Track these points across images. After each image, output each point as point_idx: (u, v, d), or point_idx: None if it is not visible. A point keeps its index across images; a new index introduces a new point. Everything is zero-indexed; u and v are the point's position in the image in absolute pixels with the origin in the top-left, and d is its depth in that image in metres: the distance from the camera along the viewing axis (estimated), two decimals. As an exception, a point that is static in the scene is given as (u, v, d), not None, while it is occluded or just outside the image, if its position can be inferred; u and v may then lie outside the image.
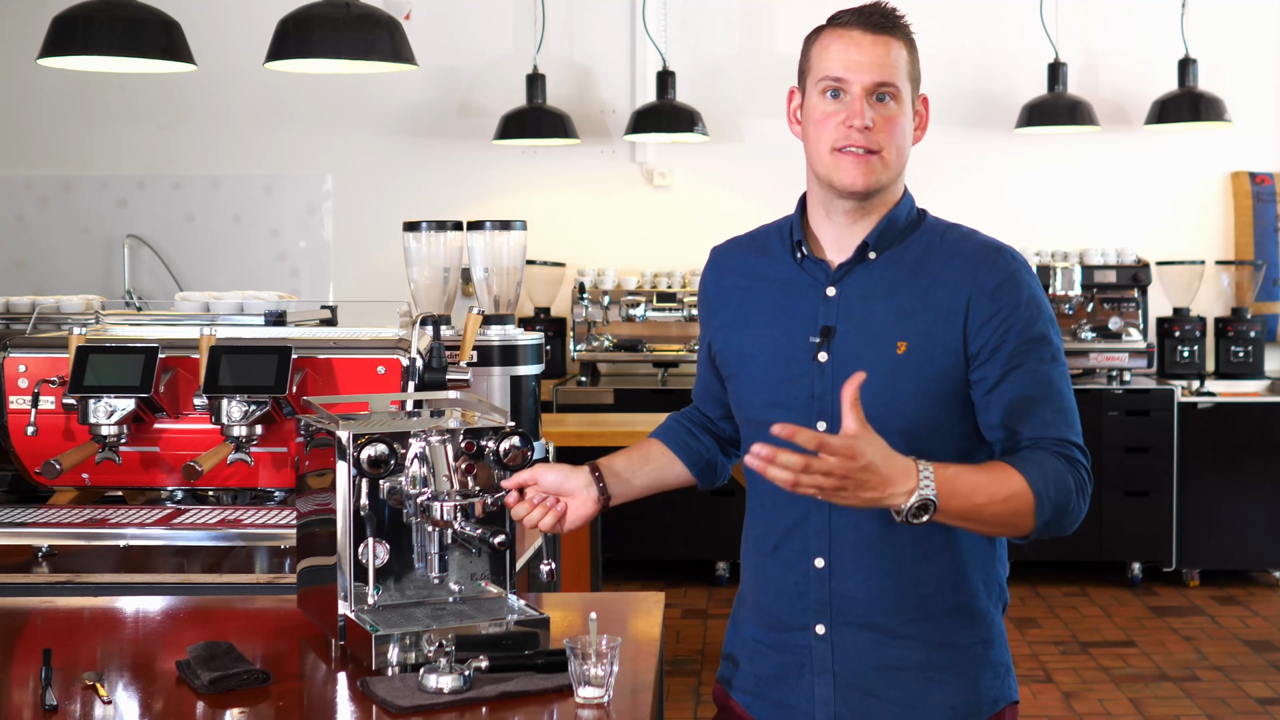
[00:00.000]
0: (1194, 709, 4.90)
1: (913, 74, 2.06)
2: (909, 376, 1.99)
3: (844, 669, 2.05)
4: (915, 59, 2.07)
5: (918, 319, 2.00)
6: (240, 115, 7.21)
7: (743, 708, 2.16)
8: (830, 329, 2.03)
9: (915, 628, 2.03)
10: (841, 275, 2.05)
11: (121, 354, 2.92)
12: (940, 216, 2.12)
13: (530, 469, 2.17)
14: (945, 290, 2.00)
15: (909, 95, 2.05)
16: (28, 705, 1.98)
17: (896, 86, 2.02)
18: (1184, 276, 6.85)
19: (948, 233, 2.08)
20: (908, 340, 1.99)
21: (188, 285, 7.02)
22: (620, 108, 7.16)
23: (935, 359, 1.99)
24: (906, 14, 2.08)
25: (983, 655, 2.06)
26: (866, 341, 2.01)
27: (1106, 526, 6.52)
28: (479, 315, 3.16)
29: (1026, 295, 2.01)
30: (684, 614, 6.12)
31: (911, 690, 2.04)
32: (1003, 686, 2.09)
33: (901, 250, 2.05)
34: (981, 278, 2.00)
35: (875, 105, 2.01)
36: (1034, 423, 1.98)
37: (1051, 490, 1.94)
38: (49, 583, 2.66)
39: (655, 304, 6.81)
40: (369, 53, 4.01)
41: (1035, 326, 2.00)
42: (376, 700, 1.96)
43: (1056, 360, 2.02)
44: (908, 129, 2.05)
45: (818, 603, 2.05)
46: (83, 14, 3.92)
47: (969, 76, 7.07)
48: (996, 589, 2.10)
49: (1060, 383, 2.01)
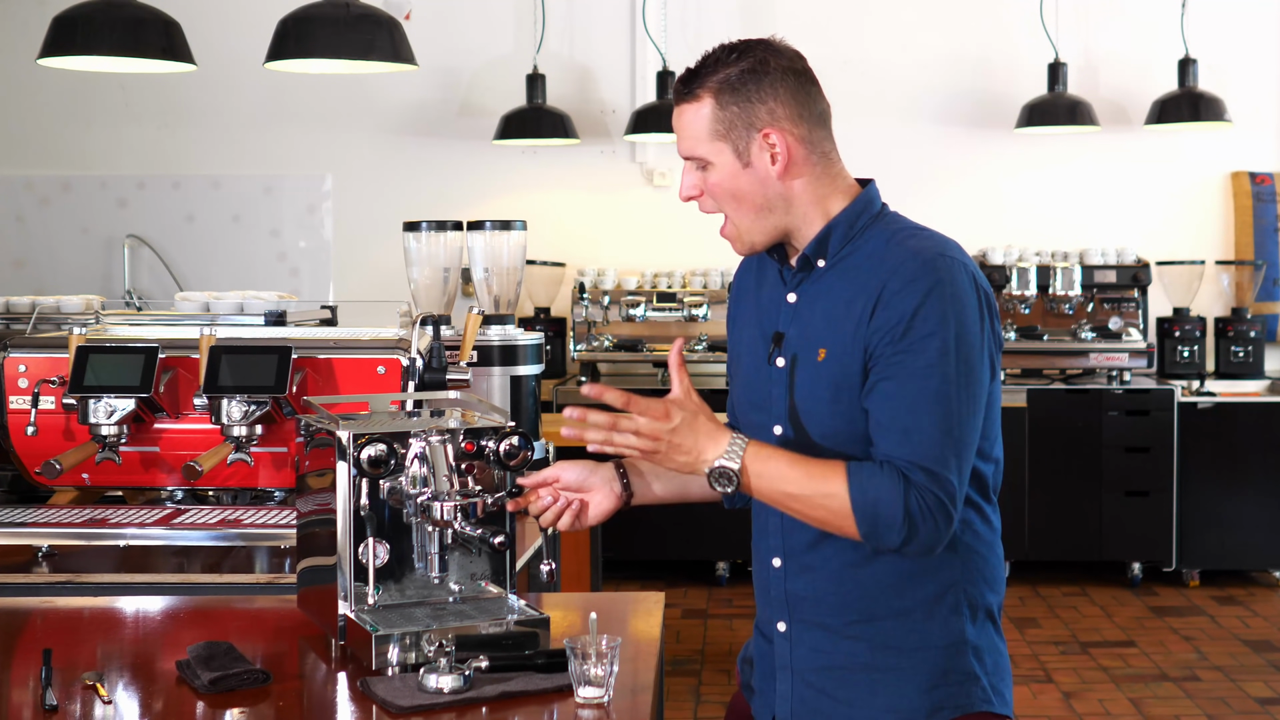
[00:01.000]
0: (1194, 709, 4.90)
1: (723, 128, 1.99)
2: (825, 383, 2.00)
3: (800, 666, 2.09)
4: (729, 105, 1.99)
5: (838, 326, 2.00)
6: (240, 115, 7.21)
7: (744, 698, 2.23)
8: (780, 334, 2.06)
9: (858, 629, 2.04)
10: (798, 283, 2.08)
11: (121, 354, 2.92)
12: (901, 216, 2.07)
13: (552, 466, 2.17)
14: (863, 297, 1.98)
15: (725, 151, 2.00)
16: (28, 705, 1.98)
17: (698, 156, 2.02)
18: (1184, 276, 6.85)
19: (894, 235, 2.02)
20: (827, 347, 2.00)
21: (188, 285, 7.02)
22: (620, 108, 7.16)
23: (847, 366, 1.98)
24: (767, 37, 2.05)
25: (933, 662, 2.02)
26: (803, 347, 2.04)
27: (1106, 526, 6.52)
28: (479, 315, 3.16)
29: (921, 303, 1.92)
30: (684, 614, 6.12)
31: (858, 690, 2.04)
32: (959, 694, 2.03)
33: (851, 255, 2.03)
34: (889, 284, 1.95)
35: (698, 174, 2.04)
36: (889, 438, 1.93)
37: (870, 506, 1.91)
38: (49, 583, 2.66)
39: (655, 304, 6.81)
40: (369, 53, 4.01)
41: (919, 335, 1.92)
42: (376, 700, 1.96)
43: (932, 376, 1.91)
44: (740, 185, 2.01)
45: (778, 600, 2.10)
46: (83, 14, 3.92)
47: (969, 76, 7.07)
48: (957, 597, 2.03)
49: (931, 400, 1.91)
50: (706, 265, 6.93)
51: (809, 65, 2.06)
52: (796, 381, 2.03)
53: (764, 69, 2.00)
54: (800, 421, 2.03)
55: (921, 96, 7.10)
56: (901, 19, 7.11)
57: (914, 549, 1.93)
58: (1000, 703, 2.06)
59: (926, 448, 1.92)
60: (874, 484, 1.92)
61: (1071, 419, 6.54)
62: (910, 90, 7.09)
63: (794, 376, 2.04)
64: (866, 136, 6.30)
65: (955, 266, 1.96)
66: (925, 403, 1.92)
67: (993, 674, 2.06)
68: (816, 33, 6.78)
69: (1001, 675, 2.08)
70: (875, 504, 1.91)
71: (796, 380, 2.03)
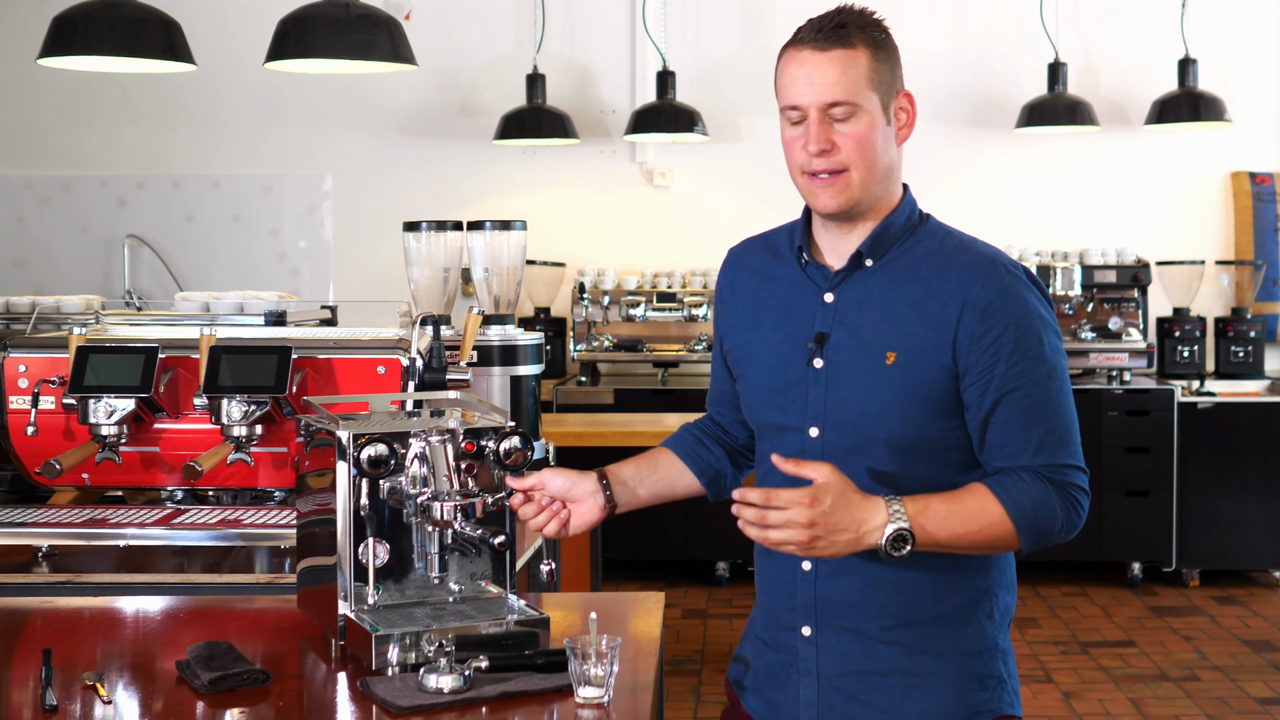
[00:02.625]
0: (1194, 709, 4.90)
1: (880, 79, 2.00)
2: (896, 388, 1.98)
3: (828, 671, 2.06)
4: (883, 60, 2.00)
5: (909, 330, 1.98)
6: (240, 115, 7.21)
7: (743, 704, 2.17)
8: (823, 335, 2.03)
9: (896, 634, 2.03)
10: (839, 281, 2.05)
11: (121, 354, 2.92)
12: (942, 221, 2.09)
13: (538, 473, 2.16)
14: (938, 302, 1.98)
15: (875, 104, 2.00)
16: (28, 705, 1.98)
17: (853, 103, 1.97)
18: (1184, 276, 6.85)
19: (946, 239, 2.04)
20: (897, 351, 1.98)
21: (188, 285, 7.02)
22: (620, 108, 7.16)
23: (924, 372, 1.97)
24: (877, 10, 2.04)
25: (967, 666, 2.04)
26: (858, 349, 2.01)
27: (1106, 526, 6.52)
28: (479, 315, 3.16)
29: (1019, 312, 1.97)
30: (684, 614, 6.12)
31: (892, 696, 2.03)
32: (991, 699, 2.05)
33: (900, 256, 2.03)
34: (975, 292, 1.96)
35: (835, 124, 1.98)
36: (1026, 448, 1.97)
37: (1030, 514, 1.95)
38: (49, 583, 2.66)
39: (655, 304, 6.81)
40: (369, 53, 4.01)
41: (1028, 344, 1.96)
42: (376, 700, 1.96)
43: (1053, 377, 1.98)
44: (877, 140, 2.00)
45: (804, 605, 2.06)
46: (83, 14, 3.92)
47: (969, 76, 7.07)
48: (990, 603, 2.06)
49: (1056, 401, 1.98)
50: (706, 265, 6.93)
51: None
52: (847, 384, 2.00)
53: (891, 36, 2.04)
54: (851, 425, 2.00)
55: (921, 96, 6.99)
56: (902, 19, 7.08)
57: (1066, 537, 2.00)
58: (1019, 705, 2.11)
59: (1061, 447, 1.98)
60: (1026, 497, 1.96)
61: (1071, 419, 6.53)
62: (910, 90, 7.07)
63: (841, 379, 2.00)
64: (866, 136, 6.29)
65: (1024, 273, 2.02)
66: (1051, 406, 1.98)
67: (1013, 676, 2.11)
68: (816, 33, 6.78)
69: (1017, 677, 2.13)
70: (1035, 518, 1.96)
71: (847, 383, 1.99)
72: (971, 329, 1.96)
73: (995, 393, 1.96)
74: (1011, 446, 1.97)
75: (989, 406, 1.97)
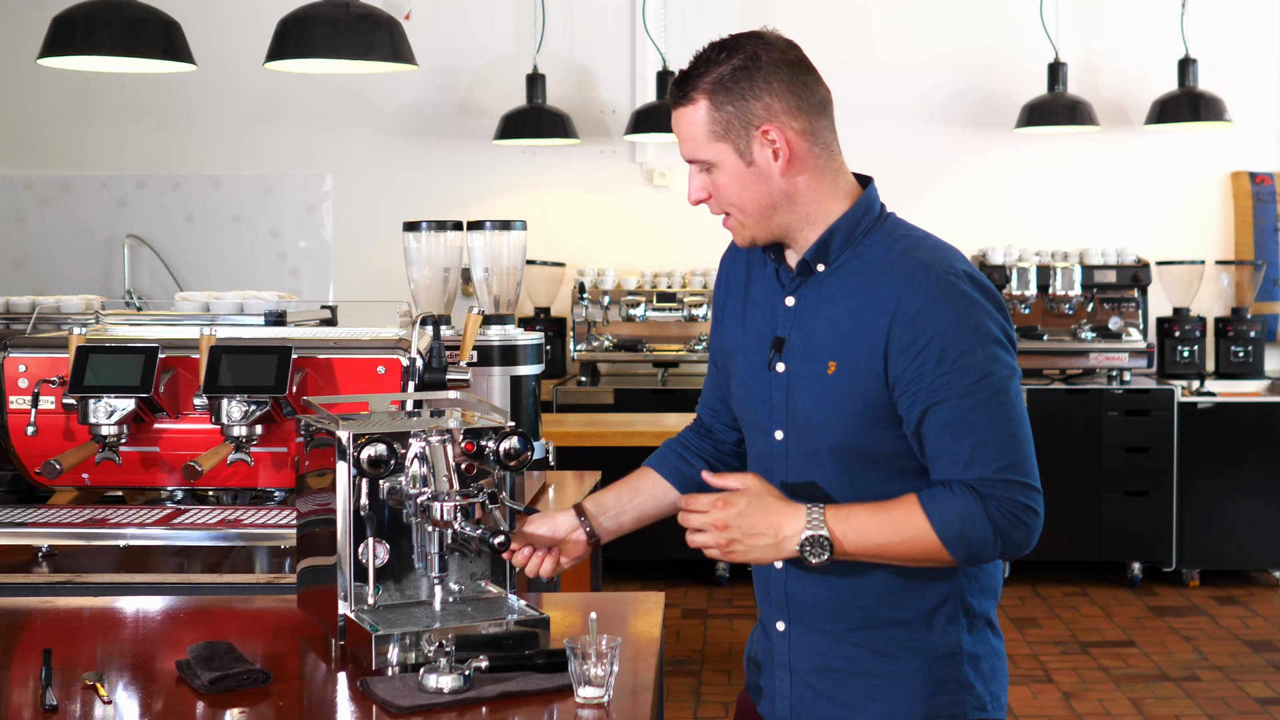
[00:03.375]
0: (1194, 709, 4.90)
1: (721, 128, 1.97)
2: (836, 397, 1.98)
3: (799, 665, 2.09)
4: (723, 105, 1.96)
5: (848, 339, 1.98)
6: (240, 115, 7.21)
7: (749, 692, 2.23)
8: (780, 340, 2.04)
9: (857, 635, 2.04)
10: (796, 286, 2.06)
11: (121, 354, 2.92)
12: (903, 220, 2.06)
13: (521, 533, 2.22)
14: (873, 311, 1.95)
15: (726, 151, 1.98)
16: (28, 705, 1.98)
17: (701, 159, 2.01)
18: (1184, 276, 6.85)
19: (896, 243, 1.99)
20: (837, 360, 1.98)
21: (188, 285, 7.02)
22: (620, 108, 7.16)
23: (861, 382, 1.96)
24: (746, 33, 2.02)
25: (929, 671, 2.03)
26: (807, 357, 2.02)
27: (1106, 526, 6.52)
28: (479, 315, 3.16)
29: (946, 321, 1.91)
30: (684, 614, 6.11)
31: (855, 694, 2.05)
32: (954, 703, 2.03)
33: (851, 261, 2.01)
34: (904, 302, 1.92)
35: (706, 175, 2.03)
36: (957, 461, 1.92)
37: (957, 530, 1.91)
38: (49, 583, 2.66)
39: (655, 304, 6.81)
40: (369, 53, 4.01)
41: (954, 354, 1.90)
42: (376, 700, 1.96)
43: (983, 388, 1.91)
44: (737, 185, 2.00)
45: (778, 601, 2.10)
46: (83, 14, 3.92)
47: (969, 76, 7.07)
48: (955, 608, 2.03)
49: (988, 412, 1.91)
50: (706, 265, 6.93)
51: (803, 54, 2.02)
52: (800, 390, 2.01)
53: (755, 64, 1.97)
54: (804, 430, 2.02)
55: (922, 96, 7.10)
56: (902, 19, 7.11)
57: (1011, 554, 1.95)
58: (995, 707, 2.07)
59: (995, 459, 1.92)
60: (953, 511, 1.91)
61: (1071, 419, 6.54)
62: (910, 90, 7.09)
63: (796, 385, 2.02)
64: (867, 136, 6.29)
65: (964, 279, 1.94)
66: (983, 417, 1.91)
67: (989, 680, 2.07)
68: (817, 33, 6.77)
69: (998, 679, 2.09)
70: (962, 530, 1.91)
71: (800, 389, 2.01)
72: (899, 338, 1.92)
73: (922, 404, 1.92)
74: (943, 459, 1.93)
75: (917, 418, 1.94)
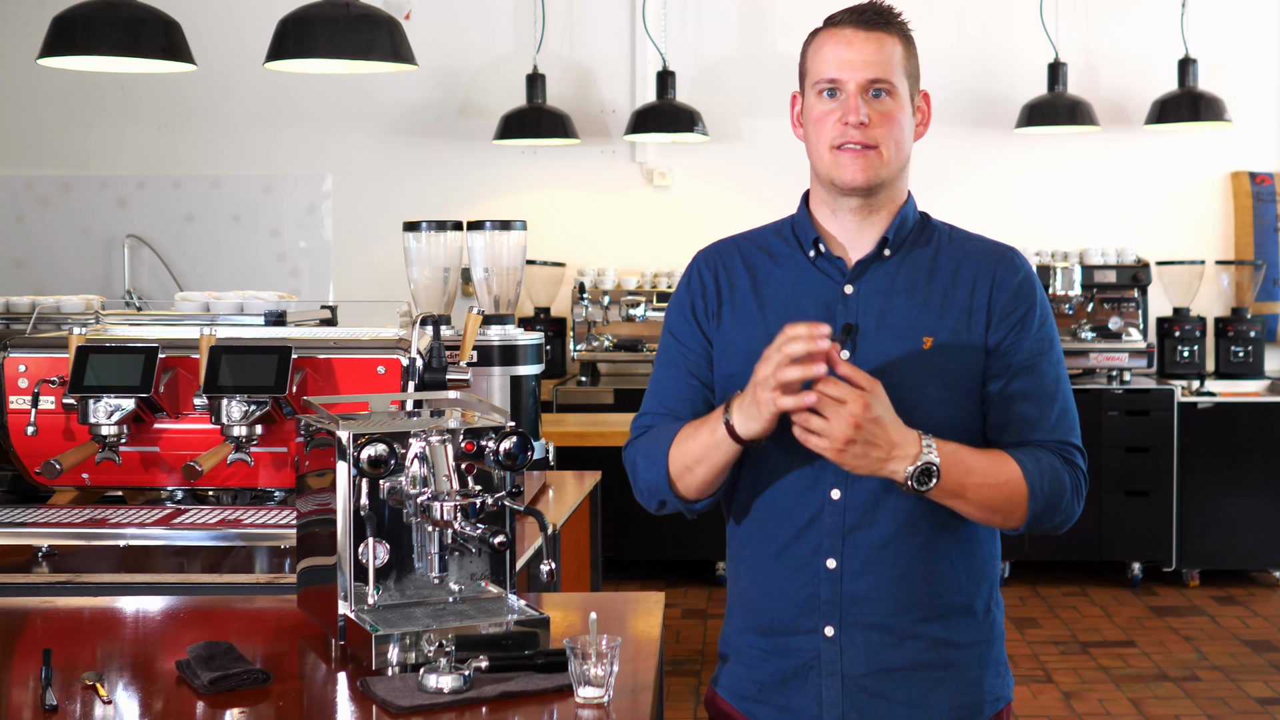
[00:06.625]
0: (1194, 709, 4.90)
1: (909, 70, 2.06)
2: (934, 373, 2.01)
3: (852, 670, 2.04)
4: (912, 55, 2.08)
5: (941, 317, 2.02)
6: (240, 115, 7.21)
7: (742, 713, 2.14)
8: (852, 326, 2.02)
9: (923, 627, 2.03)
10: (860, 272, 2.05)
11: (121, 354, 2.92)
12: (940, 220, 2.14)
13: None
14: (965, 288, 2.04)
15: (906, 91, 2.05)
16: (28, 705, 1.98)
17: (891, 82, 2.02)
18: (1184, 276, 6.85)
19: (953, 234, 2.11)
20: (934, 336, 2.01)
21: (188, 285, 7.02)
22: (620, 108, 7.16)
23: (960, 356, 2.01)
24: (903, 11, 2.09)
25: (986, 654, 2.08)
26: (890, 338, 2.02)
27: (1106, 526, 6.52)
28: (479, 315, 3.16)
29: (1040, 297, 2.06)
30: (684, 614, 6.12)
31: (918, 690, 2.04)
32: (1002, 685, 2.12)
33: (914, 250, 2.07)
34: (1002, 275, 2.04)
35: (871, 101, 2.01)
36: (1040, 424, 2.02)
37: (1045, 485, 1.99)
38: (49, 583, 2.66)
39: (655, 304, 6.81)
40: (369, 53, 4.01)
41: (1045, 329, 2.05)
42: (376, 700, 1.96)
43: (1061, 363, 2.07)
44: (906, 125, 2.05)
45: (828, 604, 2.03)
46: (83, 14, 3.92)
47: (969, 76, 7.07)
48: (994, 591, 2.12)
49: (1065, 385, 2.06)
50: (706, 265, 6.92)
51: None
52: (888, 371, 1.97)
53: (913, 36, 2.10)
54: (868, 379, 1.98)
55: (921, 96, 7.08)
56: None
57: (1065, 523, 2.04)
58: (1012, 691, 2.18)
59: (1071, 430, 2.05)
60: (1045, 465, 2.00)
61: (1071, 419, 6.53)
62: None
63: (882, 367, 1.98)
64: (866, 136, 6.29)
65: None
66: (1062, 389, 2.06)
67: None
68: (816, 33, 6.78)
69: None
70: (1048, 489, 1.99)
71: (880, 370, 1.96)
72: (1002, 307, 2.03)
73: (1019, 367, 2.02)
74: (1030, 420, 2.02)
75: (1006, 379, 2.02)
